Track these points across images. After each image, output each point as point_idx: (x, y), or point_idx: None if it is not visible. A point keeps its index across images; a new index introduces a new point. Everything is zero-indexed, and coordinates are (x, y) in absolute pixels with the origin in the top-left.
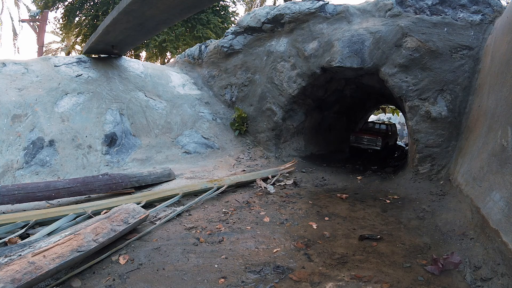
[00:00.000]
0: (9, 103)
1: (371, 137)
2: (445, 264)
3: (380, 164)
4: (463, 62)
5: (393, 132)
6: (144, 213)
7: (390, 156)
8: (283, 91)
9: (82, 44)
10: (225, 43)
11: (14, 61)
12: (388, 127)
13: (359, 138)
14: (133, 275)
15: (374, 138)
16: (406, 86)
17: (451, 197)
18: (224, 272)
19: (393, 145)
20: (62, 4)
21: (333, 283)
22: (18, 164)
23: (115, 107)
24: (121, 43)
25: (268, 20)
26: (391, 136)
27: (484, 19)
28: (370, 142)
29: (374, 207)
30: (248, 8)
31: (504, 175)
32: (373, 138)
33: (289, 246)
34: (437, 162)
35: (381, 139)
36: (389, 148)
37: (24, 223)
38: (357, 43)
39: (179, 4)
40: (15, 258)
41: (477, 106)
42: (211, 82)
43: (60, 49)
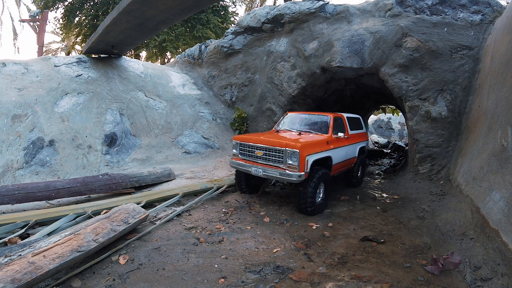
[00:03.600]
0: (9, 103)
1: (274, 151)
2: (445, 264)
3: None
4: (463, 62)
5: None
6: (144, 213)
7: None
8: (283, 91)
9: (82, 44)
10: (225, 43)
11: (14, 61)
12: (337, 121)
13: (245, 151)
14: (133, 275)
15: (280, 154)
16: (406, 86)
17: (451, 197)
18: (224, 272)
19: (358, 164)
20: (62, 4)
21: (333, 283)
22: (18, 164)
23: (115, 107)
24: (121, 43)
25: (268, 20)
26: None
27: (484, 19)
28: (270, 163)
29: (374, 207)
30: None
31: (504, 175)
32: (279, 153)
33: (289, 246)
34: (437, 162)
35: (307, 151)
36: (349, 172)
37: (24, 223)
38: (357, 43)
39: (179, 4)
40: (15, 258)
41: (477, 106)
42: (211, 82)
43: (60, 49)
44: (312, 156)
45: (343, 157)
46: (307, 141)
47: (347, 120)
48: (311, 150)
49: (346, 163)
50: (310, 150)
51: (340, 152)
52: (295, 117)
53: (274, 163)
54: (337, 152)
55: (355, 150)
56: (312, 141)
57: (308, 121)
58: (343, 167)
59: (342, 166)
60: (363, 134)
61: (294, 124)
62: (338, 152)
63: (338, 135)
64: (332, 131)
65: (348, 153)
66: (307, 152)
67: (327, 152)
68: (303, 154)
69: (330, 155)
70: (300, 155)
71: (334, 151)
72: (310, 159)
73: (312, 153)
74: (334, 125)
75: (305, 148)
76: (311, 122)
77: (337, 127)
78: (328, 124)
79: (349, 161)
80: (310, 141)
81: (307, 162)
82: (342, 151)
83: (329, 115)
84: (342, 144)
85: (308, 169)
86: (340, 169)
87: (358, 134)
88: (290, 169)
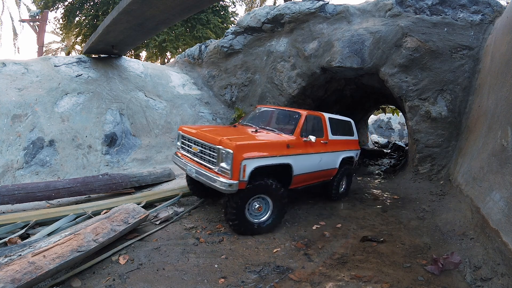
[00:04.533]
0: (9, 103)
1: (209, 148)
2: (445, 264)
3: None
4: (463, 62)
5: (344, 143)
6: (144, 213)
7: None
8: (283, 91)
9: (82, 44)
10: (225, 43)
11: (14, 61)
12: (310, 121)
13: (185, 145)
14: (133, 275)
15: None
16: (406, 86)
17: (451, 197)
18: (224, 272)
19: (340, 177)
20: (62, 4)
21: (333, 283)
22: (18, 164)
23: (115, 107)
24: (121, 43)
25: (268, 20)
26: (328, 150)
27: (484, 19)
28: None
29: (374, 207)
30: (248, 8)
31: (504, 175)
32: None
33: (289, 246)
34: (437, 162)
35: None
36: (328, 186)
37: (24, 223)
38: (357, 43)
39: (179, 4)
40: (15, 258)
41: (477, 106)
42: (211, 82)
43: (60, 49)
44: (254, 161)
45: (313, 167)
46: (250, 140)
47: (328, 121)
48: (254, 153)
49: (319, 175)
50: (251, 152)
51: (308, 160)
52: (263, 111)
53: (208, 163)
54: (302, 160)
55: (335, 159)
56: (261, 142)
57: (275, 117)
58: (314, 180)
59: (312, 178)
60: (352, 142)
61: (259, 120)
62: (304, 160)
63: (309, 139)
64: (300, 132)
65: (324, 162)
66: (246, 155)
67: (284, 158)
68: (238, 156)
69: (289, 162)
70: (234, 158)
71: (298, 158)
72: (250, 164)
73: (256, 157)
74: (305, 126)
75: (244, 149)
76: (278, 119)
77: (310, 128)
78: (296, 123)
79: (325, 172)
80: (257, 141)
81: (244, 168)
82: (313, 159)
83: (302, 112)
84: (314, 150)
85: (246, 177)
86: (308, 182)
87: (345, 141)
88: (221, 174)
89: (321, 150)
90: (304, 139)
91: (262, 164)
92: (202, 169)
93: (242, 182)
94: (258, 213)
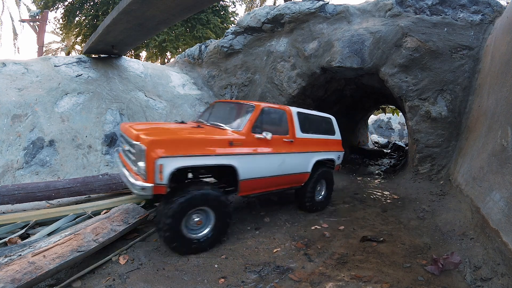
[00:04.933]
0: (9, 103)
1: (131, 145)
2: (445, 264)
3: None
4: (463, 62)
5: (320, 143)
6: (144, 213)
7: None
8: (283, 91)
9: (82, 44)
10: (225, 43)
11: (14, 61)
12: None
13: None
14: (133, 275)
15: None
16: (406, 86)
17: (451, 197)
18: (224, 272)
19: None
20: (62, 4)
21: (333, 283)
22: (18, 164)
23: (115, 107)
24: (121, 43)
25: (268, 20)
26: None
27: (484, 19)
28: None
29: (374, 207)
30: (248, 8)
31: (504, 175)
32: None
33: (289, 246)
34: (437, 162)
35: (162, 150)
36: (300, 193)
37: (24, 223)
38: (357, 43)
39: (179, 4)
40: (15, 258)
41: (477, 106)
42: (211, 82)
43: (60, 49)
44: (175, 161)
45: (272, 170)
46: (173, 136)
47: (297, 117)
48: (175, 151)
49: (283, 180)
50: (172, 150)
51: (262, 162)
52: (218, 106)
53: (131, 163)
54: (253, 161)
55: (306, 162)
56: (189, 138)
57: (227, 111)
58: (277, 186)
59: (273, 184)
60: (333, 142)
61: (213, 115)
62: (256, 162)
63: (263, 136)
64: (252, 128)
65: (288, 165)
66: (162, 153)
67: (225, 159)
68: (152, 154)
69: (232, 163)
70: (147, 155)
71: (246, 159)
72: (169, 164)
73: (178, 155)
74: (260, 121)
75: (160, 145)
76: (230, 113)
77: (268, 124)
78: (248, 118)
79: (291, 177)
80: (182, 137)
81: (161, 168)
82: (270, 160)
83: (257, 104)
84: (273, 150)
85: (164, 180)
86: (266, 188)
87: (321, 140)
88: (138, 175)
89: (283, 150)
90: (257, 136)
91: (187, 165)
92: (127, 170)
93: (159, 185)
94: (197, 228)
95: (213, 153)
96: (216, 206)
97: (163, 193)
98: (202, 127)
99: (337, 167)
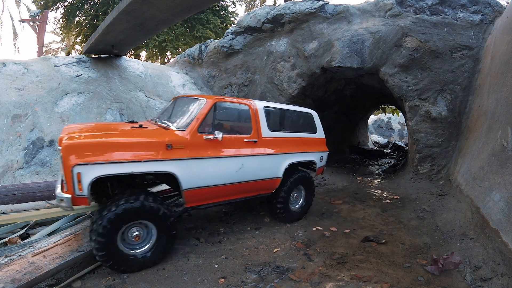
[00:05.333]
0: (9, 103)
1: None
2: (445, 264)
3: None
4: (463, 62)
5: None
6: None
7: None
8: (283, 91)
9: (82, 44)
10: (225, 43)
11: (14, 61)
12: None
13: None
14: (133, 275)
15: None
16: (406, 86)
17: (451, 197)
18: (224, 272)
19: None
20: (62, 4)
21: (333, 283)
22: (18, 164)
23: (115, 107)
24: (121, 43)
25: (268, 20)
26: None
27: (484, 19)
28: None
29: (374, 207)
30: (248, 8)
31: (504, 175)
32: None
33: (289, 246)
34: (437, 162)
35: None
36: (272, 200)
37: (24, 223)
38: (357, 43)
39: (179, 4)
40: (15, 258)
41: (477, 106)
42: (211, 82)
43: (60, 49)
44: (95, 168)
45: (228, 176)
46: (95, 139)
47: (263, 113)
48: (94, 156)
49: (246, 188)
50: (89, 155)
51: (214, 167)
52: (179, 102)
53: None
54: (201, 167)
55: (276, 165)
56: (115, 142)
57: (184, 108)
58: (238, 194)
59: (231, 192)
60: (313, 141)
61: (166, 113)
62: (205, 167)
63: (216, 136)
64: (198, 126)
65: (250, 169)
66: (79, 159)
67: (162, 165)
68: (69, 161)
69: (171, 170)
70: (64, 163)
71: (190, 164)
72: (88, 173)
73: (99, 161)
74: (212, 118)
75: (78, 150)
76: (180, 110)
77: (222, 121)
78: (195, 115)
79: (256, 184)
80: (107, 140)
81: (79, 177)
82: (225, 165)
83: (208, 98)
84: (229, 153)
85: (83, 190)
86: (223, 197)
87: (298, 140)
88: (62, 184)
89: (243, 152)
90: (205, 137)
91: (109, 173)
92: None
93: (79, 197)
94: (136, 243)
95: (144, 158)
96: (156, 219)
97: (86, 205)
98: (145, 128)
99: (320, 170)
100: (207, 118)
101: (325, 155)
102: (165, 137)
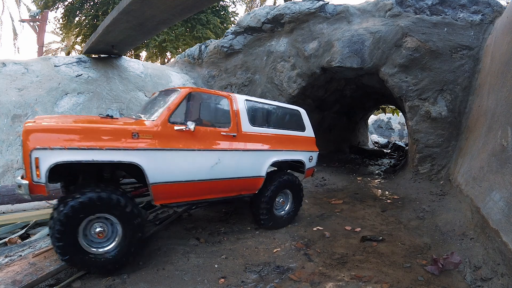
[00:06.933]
0: (9, 103)
1: None
2: (445, 264)
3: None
4: (463, 62)
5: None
6: (144, 214)
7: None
8: (283, 91)
9: (82, 44)
10: (225, 43)
11: (14, 61)
12: (196, 101)
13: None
14: (133, 275)
15: None
16: (406, 86)
17: (451, 197)
18: (224, 272)
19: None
20: (62, 4)
21: (333, 283)
22: (18, 164)
23: (115, 107)
24: (121, 43)
25: (268, 20)
26: (241, 148)
27: (484, 19)
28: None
29: (374, 207)
30: (248, 8)
31: (504, 175)
32: None
33: (289, 246)
34: (437, 162)
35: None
36: (254, 202)
37: (24, 223)
38: (357, 43)
39: (179, 4)
40: (15, 258)
41: (477, 106)
42: (211, 82)
43: (60, 49)
44: (54, 154)
45: (202, 172)
46: (57, 124)
47: (245, 106)
48: (54, 141)
49: (223, 186)
50: (49, 140)
51: (186, 160)
52: (158, 95)
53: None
54: (171, 159)
55: (257, 163)
56: (68, 126)
57: (156, 101)
58: (214, 193)
59: (206, 190)
60: (301, 140)
61: (145, 106)
62: (175, 160)
63: (188, 127)
64: (169, 116)
65: (228, 166)
66: (38, 143)
67: (125, 154)
68: (28, 144)
69: (135, 161)
70: (24, 146)
71: (158, 156)
72: (46, 158)
73: (57, 146)
74: (184, 108)
75: (37, 133)
76: (155, 102)
77: (198, 113)
78: (167, 104)
79: (235, 182)
80: (63, 125)
81: (37, 162)
82: (198, 158)
83: (183, 88)
84: (202, 146)
85: (41, 177)
86: (197, 196)
87: (283, 137)
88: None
89: (219, 146)
90: (176, 128)
91: (69, 160)
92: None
93: (37, 184)
94: (100, 240)
95: (106, 146)
96: (122, 216)
97: (43, 194)
98: (115, 119)
99: (309, 172)
100: (179, 108)
101: (315, 155)
102: (132, 125)
